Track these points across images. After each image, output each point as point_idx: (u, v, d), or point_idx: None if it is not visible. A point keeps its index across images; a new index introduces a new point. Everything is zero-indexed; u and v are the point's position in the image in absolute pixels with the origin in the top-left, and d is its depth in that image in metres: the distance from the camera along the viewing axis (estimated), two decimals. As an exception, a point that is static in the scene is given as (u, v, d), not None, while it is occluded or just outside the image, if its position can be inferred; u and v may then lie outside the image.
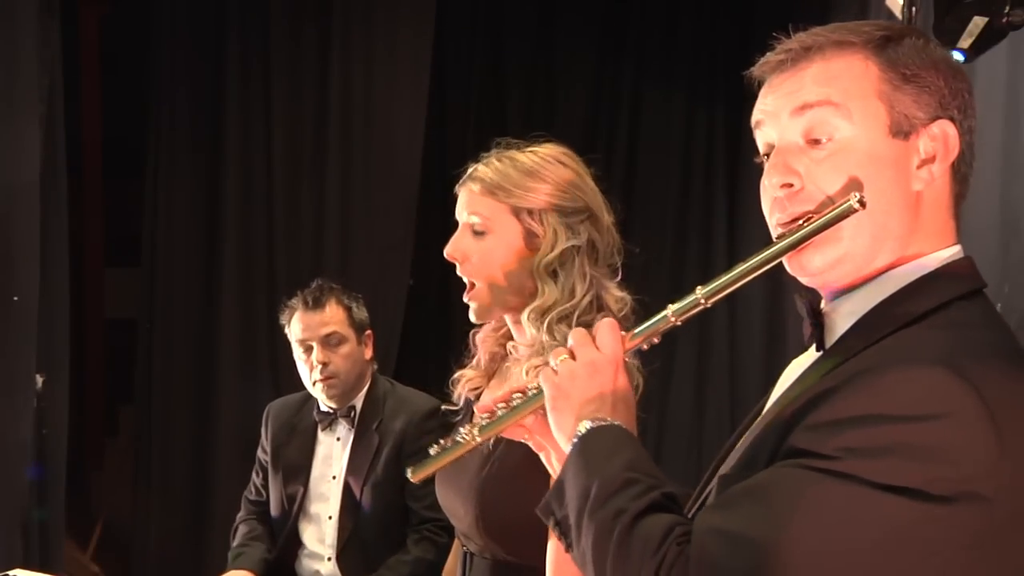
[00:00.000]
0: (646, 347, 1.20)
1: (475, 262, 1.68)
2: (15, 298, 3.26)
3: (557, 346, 1.27)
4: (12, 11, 3.25)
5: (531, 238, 1.66)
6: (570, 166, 1.70)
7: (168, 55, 4.32)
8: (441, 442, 1.29)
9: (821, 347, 1.12)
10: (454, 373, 1.80)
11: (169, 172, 4.32)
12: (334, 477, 2.93)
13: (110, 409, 6.15)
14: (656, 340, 1.19)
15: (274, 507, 2.99)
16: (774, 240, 1.11)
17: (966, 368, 0.95)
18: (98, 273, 5.89)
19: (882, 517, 0.92)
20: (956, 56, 2.23)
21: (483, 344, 1.77)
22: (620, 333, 1.18)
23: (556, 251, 1.64)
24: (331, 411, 2.94)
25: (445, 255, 1.71)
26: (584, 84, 4.83)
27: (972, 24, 2.24)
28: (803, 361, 1.16)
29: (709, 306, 1.14)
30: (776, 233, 1.12)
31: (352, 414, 2.93)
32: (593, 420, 1.12)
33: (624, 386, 1.16)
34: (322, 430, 2.96)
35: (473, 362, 1.79)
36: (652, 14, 4.82)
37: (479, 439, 1.26)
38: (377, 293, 4.04)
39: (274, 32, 4.27)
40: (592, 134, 4.78)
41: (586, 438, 1.11)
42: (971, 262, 1.11)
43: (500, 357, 1.76)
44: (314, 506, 2.93)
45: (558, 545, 1.12)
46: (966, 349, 0.99)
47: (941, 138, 1.08)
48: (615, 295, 1.65)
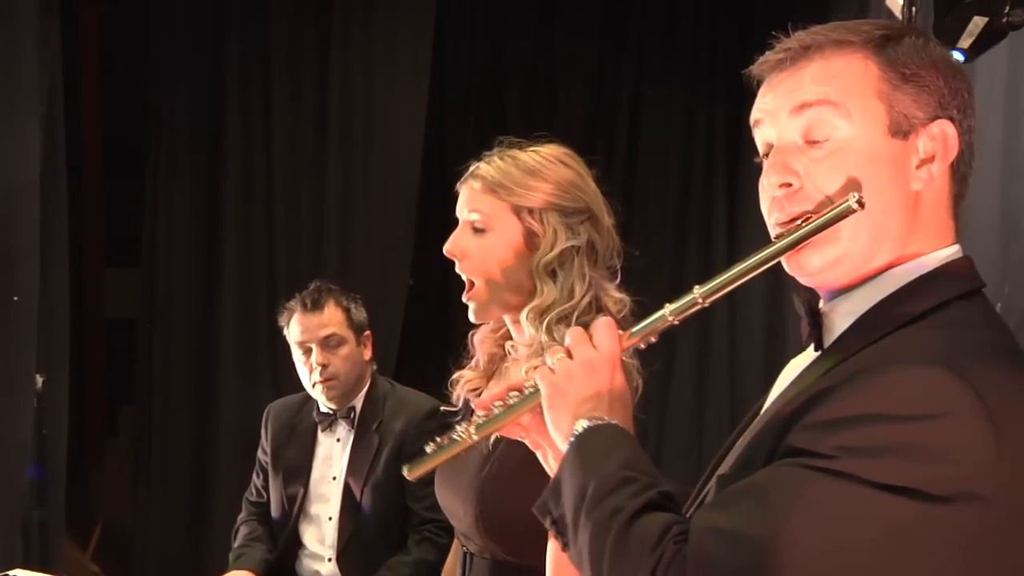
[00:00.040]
0: (643, 346, 1.20)
1: (474, 259, 1.68)
2: (15, 298, 3.26)
3: (556, 346, 1.27)
4: (12, 11, 3.25)
5: (531, 237, 1.66)
6: (572, 167, 1.70)
7: (168, 55, 4.32)
8: (437, 440, 1.28)
9: (819, 347, 1.12)
10: (453, 374, 1.80)
11: (169, 172, 4.32)
12: (334, 478, 2.93)
13: (110, 409, 6.14)
14: (654, 339, 1.18)
15: (274, 508, 2.99)
16: (772, 240, 1.11)
17: (965, 368, 0.95)
18: (98, 273, 5.88)
19: (880, 516, 0.92)
20: (956, 56, 2.22)
21: (481, 345, 1.77)
22: (617, 332, 1.17)
23: (556, 251, 1.64)
24: (331, 412, 2.94)
25: (444, 252, 1.70)
26: (584, 84, 4.83)
27: (972, 24, 2.24)
28: (801, 361, 1.16)
29: (707, 305, 1.13)
30: (774, 233, 1.11)
31: (352, 415, 2.93)
32: (590, 419, 1.12)
33: (621, 385, 1.16)
34: (322, 431, 2.96)
35: (472, 363, 1.78)
36: (652, 14, 4.82)
37: (476, 437, 1.25)
38: (377, 293, 4.04)
39: (274, 32, 4.27)
40: (592, 134, 4.77)
41: (583, 437, 1.10)
42: (970, 262, 1.11)
43: (499, 358, 1.75)
44: (314, 507, 2.93)
45: (558, 545, 1.12)
46: (965, 349, 0.98)
47: (940, 138, 1.08)
48: (614, 296, 1.65)
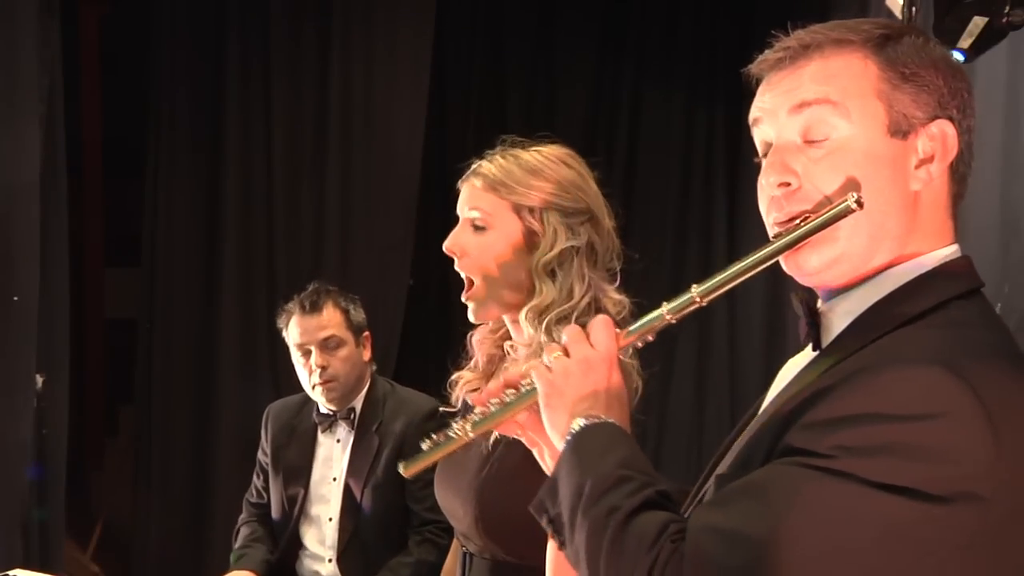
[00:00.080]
0: (641, 345, 1.19)
1: (473, 257, 1.68)
2: (15, 298, 3.26)
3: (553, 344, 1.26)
4: (12, 11, 3.25)
5: (531, 236, 1.66)
6: (574, 167, 1.70)
7: (168, 55, 4.32)
8: (434, 437, 1.28)
9: (817, 346, 1.12)
10: (452, 375, 1.80)
11: (169, 172, 4.32)
12: (334, 479, 2.92)
13: (110, 409, 6.14)
14: (651, 338, 1.18)
15: (275, 509, 2.99)
16: (771, 239, 1.10)
17: (963, 368, 0.94)
18: (98, 273, 5.88)
19: (878, 516, 0.92)
20: (956, 56, 2.22)
21: (480, 346, 1.76)
22: (614, 330, 1.17)
23: (555, 250, 1.64)
24: (331, 413, 2.94)
25: (444, 249, 1.70)
26: (584, 84, 4.82)
27: (972, 24, 2.24)
28: (799, 361, 1.16)
29: (704, 304, 1.13)
30: (773, 232, 1.11)
31: (352, 416, 2.93)
32: (587, 418, 1.11)
33: (618, 383, 1.16)
34: (322, 432, 2.95)
35: (471, 364, 1.78)
36: (652, 14, 4.81)
37: (472, 434, 1.25)
38: (377, 293, 4.04)
39: (274, 32, 4.27)
40: (592, 134, 4.77)
41: (580, 436, 1.10)
42: (968, 261, 1.10)
43: (498, 359, 1.75)
44: (315, 508, 2.93)
45: (557, 544, 1.11)
46: (963, 348, 0.98)
47: (940, 138, 1.07)
48: (613, 298, 1.65)
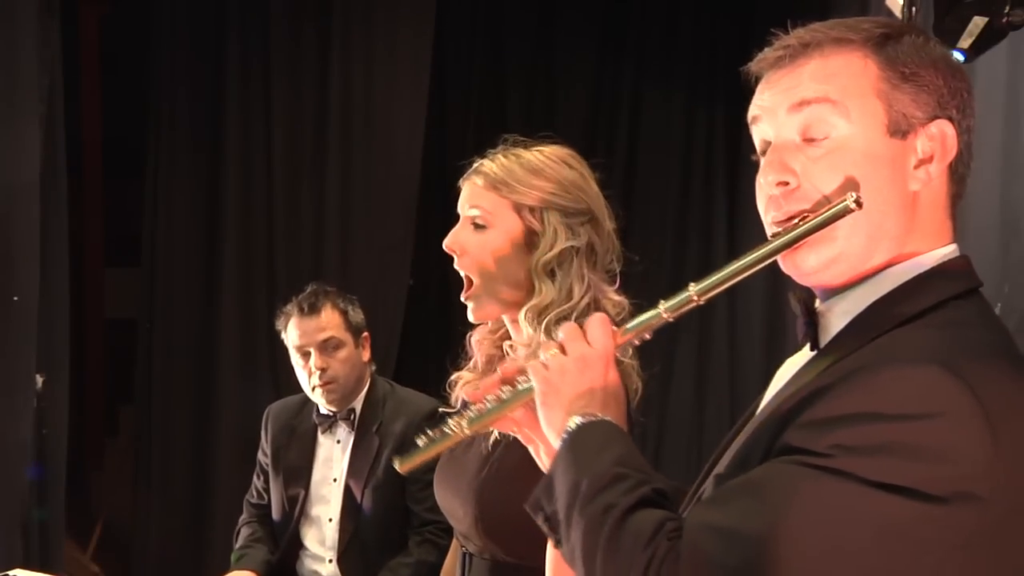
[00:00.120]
0: (638, 343, 1.19)
1: (472, 255, 1.67)
2: (15, 298, 3.26)
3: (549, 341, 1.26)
4: (12, 11, 3.25)
5: (531, 235, 1.66)
6: (575, 168, 1.70)
7: (168, 55, 4.32)
8: (430, 433, 1.28)
9: (815, 346, 1.11)
10: (452, 375, 1.80)
11: (169, 172, 4.32)
12: (335, 480, 2.92)
13: (110, 409, 6.14)
14: (648, 336, 1.18)
15: (275, 509, 2.98)
16: (769, 238, 1.10)
17: (961, 367, 0.94)
18: (98, 273, 5.88)
19: (875, 515, 0.91)
20: (956, 56, 2.22)
21: (480, 346, 1.76)
22: (611, 328, 1.17)
23: (555, 250, 1.64)
24: (331, 414, 2.94)
25: (444, 247, 1.70)
26: (584, 84, 4.82)
27: (972, 24, 2.23)
28: (797, 360, 1.15)
29: (702, 303, 1.13)
30: (771, 231, 1.11)
31: (352, 416, 2.93)
32: (583, 415, 1.11)
33: (615, 382, 1.16)
34: (322, 433, 2.95)
35: (470, 364, 1.78)
36: (652, 14, 4.81)
37: (467, 431, 1.25)
38: (377, 293, 4.04)
39: (274, 32, 4.26)
40: (592, 134, 4.77)
41: (576, 433, 1.10)
42: (967, 261, 1.10)
43: (498, 359, 1.75)
44: (315, 508, 2.93)
45: (556, 543, 1.11)
46: (962, 348, 0.98)
47: (939, 138, 1.07)
48: (613, 299, 1.65)
